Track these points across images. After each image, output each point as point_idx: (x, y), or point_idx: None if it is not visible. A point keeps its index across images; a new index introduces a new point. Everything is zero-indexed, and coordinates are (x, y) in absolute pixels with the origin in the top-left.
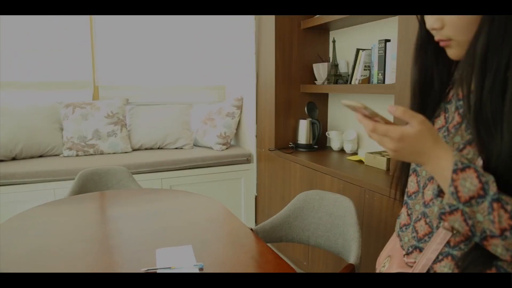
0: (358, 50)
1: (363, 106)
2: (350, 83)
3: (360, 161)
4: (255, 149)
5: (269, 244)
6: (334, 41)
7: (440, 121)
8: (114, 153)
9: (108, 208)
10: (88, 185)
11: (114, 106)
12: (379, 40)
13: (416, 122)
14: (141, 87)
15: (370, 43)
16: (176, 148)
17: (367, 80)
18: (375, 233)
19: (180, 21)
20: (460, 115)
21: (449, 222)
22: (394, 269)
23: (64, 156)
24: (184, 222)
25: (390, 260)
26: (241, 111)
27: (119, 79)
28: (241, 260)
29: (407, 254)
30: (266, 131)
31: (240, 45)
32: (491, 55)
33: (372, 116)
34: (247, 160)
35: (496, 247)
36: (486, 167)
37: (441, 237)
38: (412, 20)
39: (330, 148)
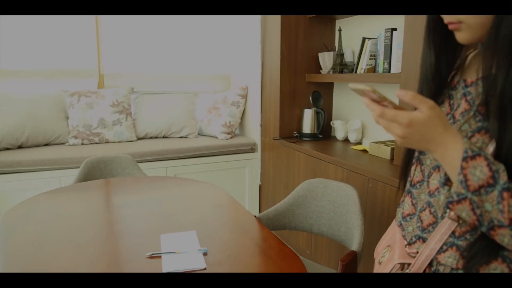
0: (364, 39)
1: (371, 89)
2: (356, 72)
3: (364, 151)
4: (259, 138)
5: (272, 232)
6: (340, 30)
7: (444, 108)
8: (119, 141)
9: (113, 195)
10: (94, 173)
11: (119, 94)
12: (386, 29)
13: (426, 107)
14: (147, 76)
15: (376, 32)
16: (181, 137)
17: (373, 69)
18: (377, 222)
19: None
20: (468, 102)
21: (456, 212)
22: (396, 260)
23: (70, 145)
24: (188, 209)
25: (390, 250)
26: (246, 100)
27: (124, 67)
28: (244, 245)
29: (409, 244)
30: (271, 120)
31: (246, 34)
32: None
33: (380, 101)
34: (252, 149)
35: (504, 237)
36: (497, 155)
37: (446, 227)
38: None
39: (335, 137)
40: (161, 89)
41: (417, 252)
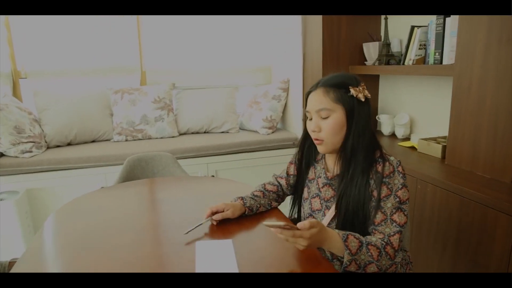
0: (413, 27)
1: (283, 224)
2: (403, 63)
3: (413, 148)
4: (301, 132)
5: None
6: (386, 18)
7: (316, 182)
8: (161, 137)
9: (153, 194)
10: (135, 171)
11: (161, 90)
12: (437, 16)
13: (315, 224)
14: (187, 71)
15: (427, 19)
16: (222, 132)
17: (422, 60)
18: (426, 226)
19: None
20: (333, 189)
21: (348, 269)
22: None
23: (115, 141)
24: None
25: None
26: (287, 94)
27: (165, 63)
28: (273, 250)
29: None
30: None
31: (287, 25)
32: (354, 153)
33: (289, 227)
34: (294, 144)
35: (371, 269)
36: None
37: None
38: None
39: (381, 132)
40: (202, 83)
41: None
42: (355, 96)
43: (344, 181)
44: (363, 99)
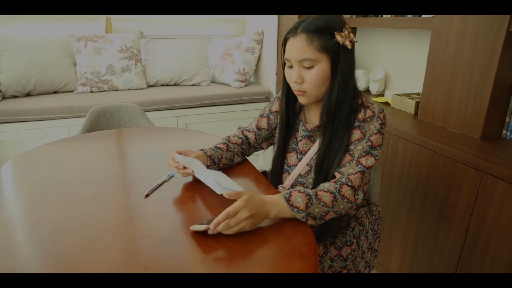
0: None
1: (209, 227)
2: (382, 16)
3: (386, 103)
4: (275, 87)
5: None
6: None
7: (299, 134)
8: (128, 89)
9: (118, 146)
10: (100, 122)
11: (128, 39)
12: None
13: (242, 194)
14: (157, 19)
15: None
16: (193, 85)
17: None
18: (396, 180)
19: None
20: (311, 140)
21: (308, 223)
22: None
23: (78, 92)
24: None
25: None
26: (261, 46)
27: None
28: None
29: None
30: None
31: None
32: (339, 105)
33: (218, 222)
34: (267, 98)
35: (329, 216)
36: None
37: None
38: None
39: None
40: (172, 33)
41: None
42: (341, 43)
43: (327, 135)
44: (349, 46)
